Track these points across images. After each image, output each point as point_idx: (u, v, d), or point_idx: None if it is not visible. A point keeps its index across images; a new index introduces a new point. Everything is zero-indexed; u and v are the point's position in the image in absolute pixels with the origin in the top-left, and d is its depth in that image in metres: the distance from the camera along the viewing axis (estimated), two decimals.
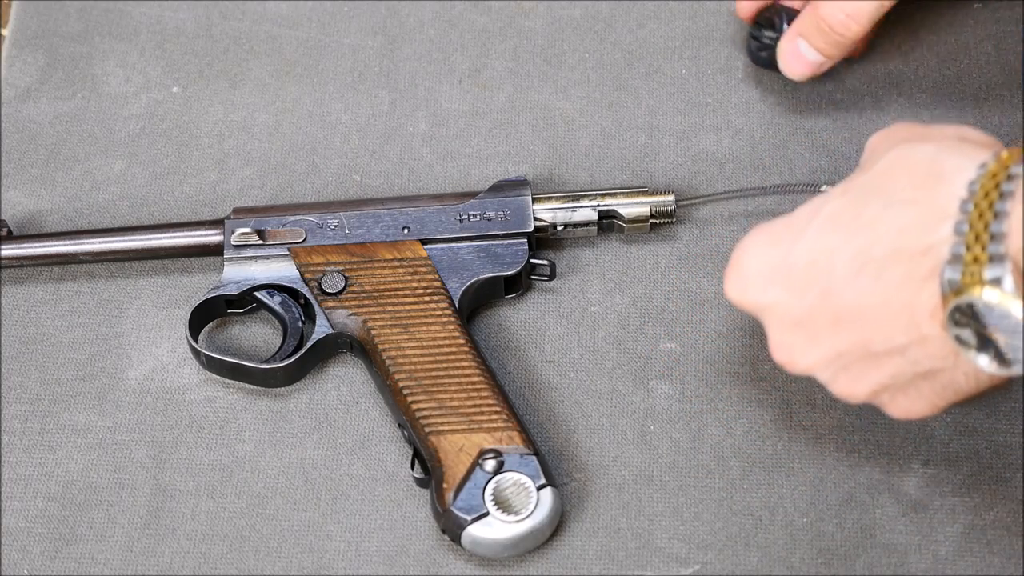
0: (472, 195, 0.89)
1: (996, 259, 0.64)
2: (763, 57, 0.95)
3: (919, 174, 0.69)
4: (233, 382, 0.88)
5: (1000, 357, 0.66)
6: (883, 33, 0.96)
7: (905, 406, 0.74)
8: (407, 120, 0.97)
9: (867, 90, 0.95)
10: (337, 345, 0.87)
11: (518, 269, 0.88)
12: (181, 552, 0.83)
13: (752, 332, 0.87)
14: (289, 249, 0.88)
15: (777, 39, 0.94)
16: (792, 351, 0.74)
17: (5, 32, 1.04)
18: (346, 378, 0.88)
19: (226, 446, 0.86)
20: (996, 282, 0.64)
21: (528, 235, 0.88)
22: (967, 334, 0.66)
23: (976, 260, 0.64)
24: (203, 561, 0.82)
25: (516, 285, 0.89)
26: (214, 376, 0.88)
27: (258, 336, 0.90)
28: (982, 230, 0.65)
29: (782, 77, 0.96)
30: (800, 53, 0.92)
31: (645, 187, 0.91)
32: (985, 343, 0.66)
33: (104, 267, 0.92)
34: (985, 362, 0.67)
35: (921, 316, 0.68)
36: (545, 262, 0.89)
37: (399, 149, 0.96)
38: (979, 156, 0.68)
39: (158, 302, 0.91)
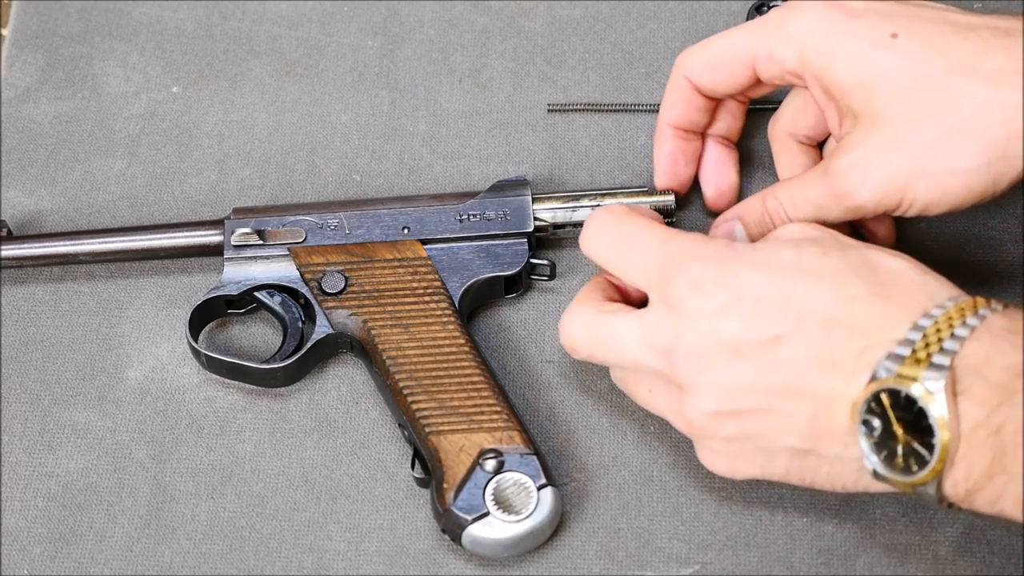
0: (472, 195, 0.89)
1: (937, 367, 0.69)
2: None
3: (886, 282, 0.73)
4: (233, 382, 0.88)
5: (889, 460, 0.71)
6: None
7: (730, 461, 0.76)
8: (407, 120, 0.97)
9: None
10: (337, 345, 0.87)
11: (518, 269, 0.88)
12: (181, 552, 0.83)
13: None
14: (289, 249, 0.88)
15: None
16: (707, 363, 0.74)
17: (5, 32, 1.04)
18: (346, 378, 0.88)
19: (226, 446, 0.86)
20: (930, 390, 0.69)
21: (528, 235, 0.88)
22: (876, 422, 0.70)
23: (918, 362, 0.69)
24: (203, 561, 0.82)
25: (516, 285, 0.89)
26: (214, 376, 0.88)
27: (258, 336, 0.90)
28: (934, 341, 0.69)
29: None
30: (731, 230, 0.86)
31: (645, 187, 0.91)
32: (883, 443, 0.71)
33: (104, 267, 0.92)
34: (872, 458, 0.71)
35: (837, 397, 0.71)
36: (545, 262, 0.89)
37: (399, 149, 0.96)
38: (946, 289, 0.73)
39: (158, 302, 0.91)
